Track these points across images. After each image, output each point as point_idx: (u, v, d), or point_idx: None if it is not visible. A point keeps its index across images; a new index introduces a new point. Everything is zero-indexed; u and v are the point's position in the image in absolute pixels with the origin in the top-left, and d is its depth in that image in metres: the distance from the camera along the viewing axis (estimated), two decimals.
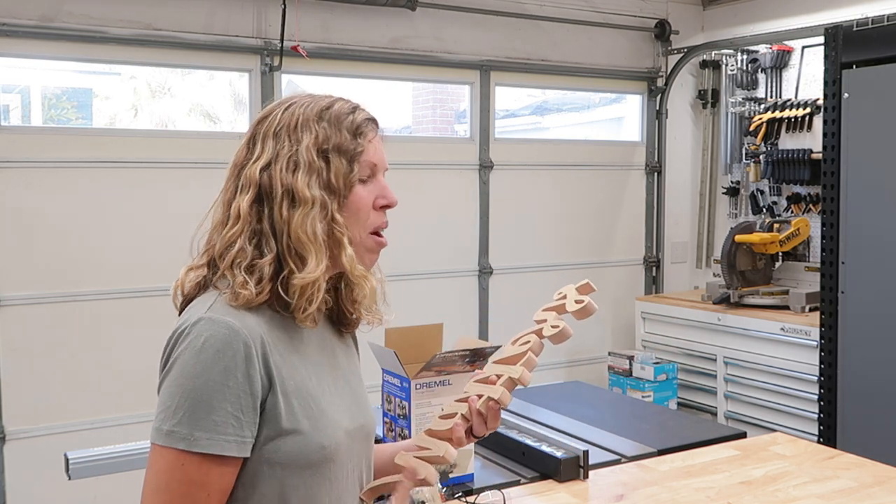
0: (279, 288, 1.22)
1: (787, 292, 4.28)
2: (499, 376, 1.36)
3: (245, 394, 1.18)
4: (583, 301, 1.39)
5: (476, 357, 2.05)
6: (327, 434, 1.25)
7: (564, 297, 1.41)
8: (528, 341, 1.38)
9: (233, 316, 1.20)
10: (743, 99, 4.89)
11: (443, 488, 1.74)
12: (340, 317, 1.39)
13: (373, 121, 1.34)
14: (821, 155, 3.75)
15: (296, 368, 1.25)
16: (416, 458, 1.34)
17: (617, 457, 2.08)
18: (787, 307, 4.21)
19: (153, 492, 1.17)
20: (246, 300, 1.21)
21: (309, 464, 1.22)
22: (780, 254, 4.55)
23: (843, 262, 3.61)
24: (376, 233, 1.32)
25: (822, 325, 3.71)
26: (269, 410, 1.21)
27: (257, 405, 1.19)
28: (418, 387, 1.98)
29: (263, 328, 1.22)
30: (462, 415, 1.35)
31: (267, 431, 1.21)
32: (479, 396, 1.35)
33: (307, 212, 1.23)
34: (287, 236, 1.23)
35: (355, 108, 1.32)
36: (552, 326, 1.38)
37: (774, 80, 4.78)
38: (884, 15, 3.59)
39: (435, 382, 2.01)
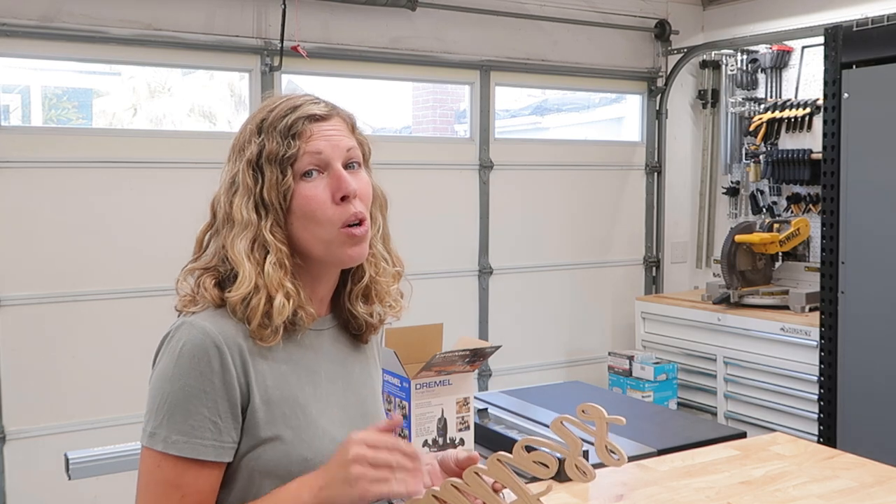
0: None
1: (787, 292, 4.28)
2: (503, 487, 1.23)
3: (222, 399, 1.18)
4: (619, 457, 1.21)
5: (476, 357, 2.05)
6: (313, 446, 1.24)
7: (591, 419, 1.21)
8: (549, 466, 1.20)
9: (213, 322, 1.20)
10: (743, 99, 4.88)
11: None
12: (347, 320, 1.37)
13: (315, 117, 1.25)
14: (821, 155, 3.75)
15: (285, 377, 1.24)
16: None
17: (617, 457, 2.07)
18: (787, 307, 4.21)
19: (139, 491, 1.20)
20: (212, 302, 1.24)
21: (290, 474, 1.21)
22: (780, 254, 4.54)
23: (843, 262, 3.61)
24: (346, 226, 1.25)
25: (822, 325, 3.71)
26: (249, 418, 1.21)
27: (237, 412, 1.19)
28: (418, 387, 1.99)
29: (250, 337, 1.22)
30: None
31: (247, 439, 1.21)
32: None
33: (238, 232, 1.23)
34: (228, 257, 1.24)
35: (295, 108, 1.25)
36: (577, 468, 1.21)
37: (774, 80, 4.78)
38: (884, 15, 3.59)
39: (435, 382, 2.01)
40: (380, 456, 1.15)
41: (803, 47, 4.63)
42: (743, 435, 2.29)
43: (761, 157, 4.78)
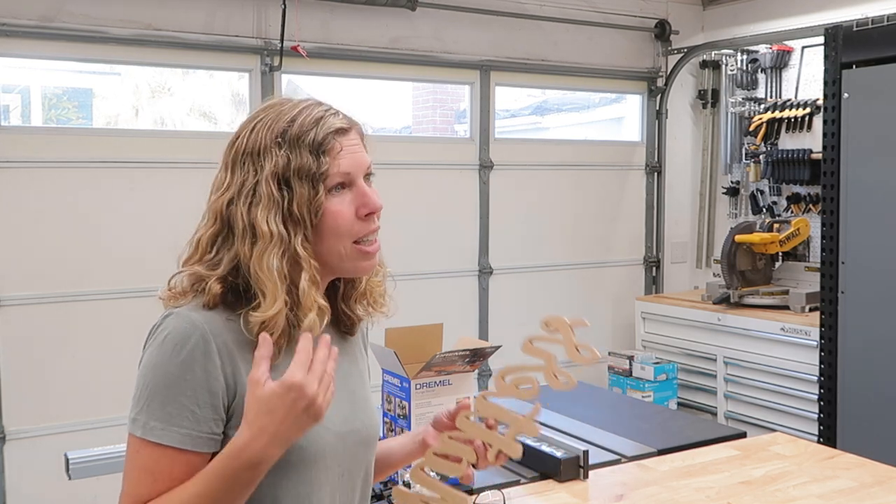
0: (241, 320, 1.22)
1: (787, 292, 4.28)
2: (496, 422, 1.27)
3: (202, 389, 1.18)
4: (590, 353, 1.24)
5: (476, 357, 2.05)
6: (307, 436, 1.23)
7: (556, 330, 1.26)
8: (531, 386, 1.25)
9: (200, 312, 1.21)
10: (743, 99, 4.89)
11: None
12: (338, 317, 1.38)
13: (340, 130, 1.25)
14: (821, 155, 3.76)
15: (276, 369, 1.23)
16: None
17: (617, 457, 2.08)
18: (787, 307, 4.21)
19: (123, 475, 1.22)
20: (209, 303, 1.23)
21: (286, 463, 1.22)
22: (780, 254, 4.55)
23: (843, 262, 3.61)
24: (359, 241, 1.26)
25: (822, 325, 3.71)
26: (238, 408, 1.20)
27: (218, 403, 1.19)
28: (418, 387, 1.99)
29: (237, 330, 1.22)
30: (468, 462, 1.28)
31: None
32: (485, 444, 1.28)
33: (265, 247, 1.20)
34: (248, 271, 1.22)
35: (319, 120, 1.24)
36: (557, 377, 1.24)
37: (774, 80, 4.78)
38: (884, 15, 3.59)
39: (435, 382, 2.01)
40: (319, 376, 1.16)
41: (803, 47, 4.63)
42: (743, 435, 2.29)
43: (761, 157, 4.78)
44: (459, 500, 1.25)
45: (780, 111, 4.66)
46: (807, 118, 4.57)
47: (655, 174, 5.18)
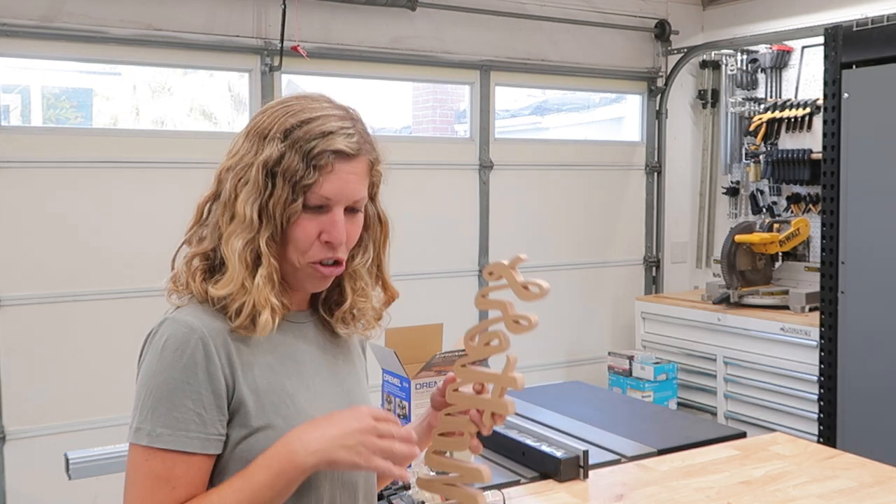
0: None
1: (786, 292, 4.28)
2: (483, 386, 1.30)
3: (206, 391, 1.18)
4: (538, 288, 1.25)
5: None
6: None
7: (500, 276, 1.29)
8: (498, 340, 1.30)
9: (195, 316, 1.22)
10: (743, 99, 4.88)
11: None
12: (324, 320, 1.38)
13: (342, 154, 1.22)
14: (821, 155, 3.76)
15: (271, 367, 1.25)
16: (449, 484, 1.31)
17: (617, 457, 2.08)
18: (787, 307, 4.21)
19: (126, 488, 1.21)
20: (197, 296, 1.24)
21: None
22: (780, 254, 4.55)
23: (843, 262, 3.61)
24: (318, 262, 1.25)
25: (822, 325, 3.71)
26: (237, 409, 1.21)
27: (222, 403, 1.20)
28: (418, 387, 1.99)
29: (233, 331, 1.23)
30: (470, 433, 1.30)
31: (239, 430, 1.21)
32: (479, 411, 1.30)
33: (235, 228, 1.22)
34: (219, 242, 1.24)
35: (328, 134, 1.22)
36: (516, 322, 1.27)
37: (774, 80, 4.78)
38: (884, 15, 3.59)
39: (435, 382, 2.01)
40: (386, 432, 1.20)
41: (803, 47, 4.64)
42: (743, 435, 2.29)
43: (761, 157, 4.78)
44: (476, 474, 1.28)
45: (780, 111, 4.66)
46: (807, 118, 4.57)
47: (655, 174, 5.18)
